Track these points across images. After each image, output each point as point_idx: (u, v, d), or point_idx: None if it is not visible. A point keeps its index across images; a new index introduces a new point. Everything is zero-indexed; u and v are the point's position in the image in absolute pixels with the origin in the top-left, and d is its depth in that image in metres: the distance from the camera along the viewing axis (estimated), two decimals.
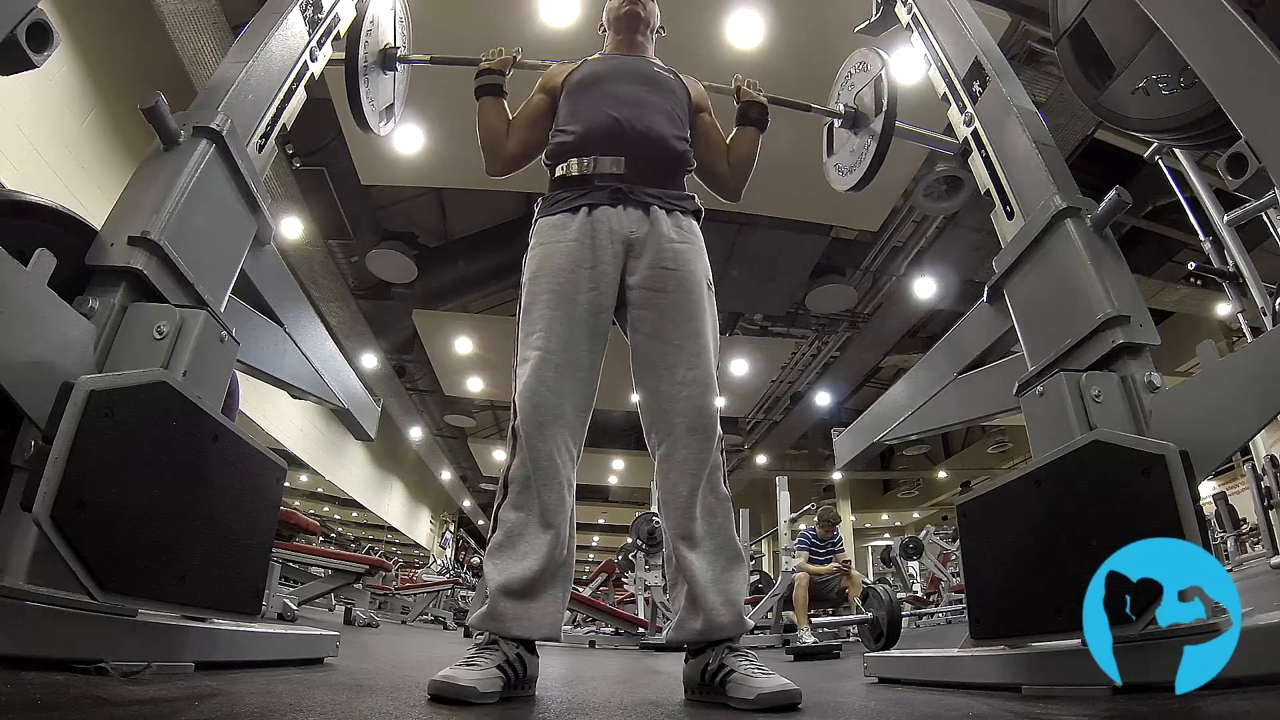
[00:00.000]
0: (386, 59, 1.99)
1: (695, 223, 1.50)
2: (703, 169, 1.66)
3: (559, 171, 1.49)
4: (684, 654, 1.28)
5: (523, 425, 1.26)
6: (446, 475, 14.94)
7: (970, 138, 1.69)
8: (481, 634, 1.19)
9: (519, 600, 1.18)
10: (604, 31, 1.78)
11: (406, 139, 5.10)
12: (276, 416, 8.51)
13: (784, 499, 6.35)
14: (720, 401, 1.38)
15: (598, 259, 1.37)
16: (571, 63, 1.70)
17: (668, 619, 1.49)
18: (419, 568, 12.00)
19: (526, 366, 1.30)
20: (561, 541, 1.25)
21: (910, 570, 7.65)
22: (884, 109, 1.94)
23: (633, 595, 6.03)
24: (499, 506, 1.28)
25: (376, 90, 2.00)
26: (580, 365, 1.32)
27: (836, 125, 2.21)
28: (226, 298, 1.38)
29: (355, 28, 1.80)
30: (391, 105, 2.13)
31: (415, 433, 11.95)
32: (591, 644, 5.02)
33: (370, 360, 8.63)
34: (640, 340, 1.39)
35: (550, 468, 1.25)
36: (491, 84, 1.65)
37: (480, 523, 18.02)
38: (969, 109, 1.70)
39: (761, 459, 11.90)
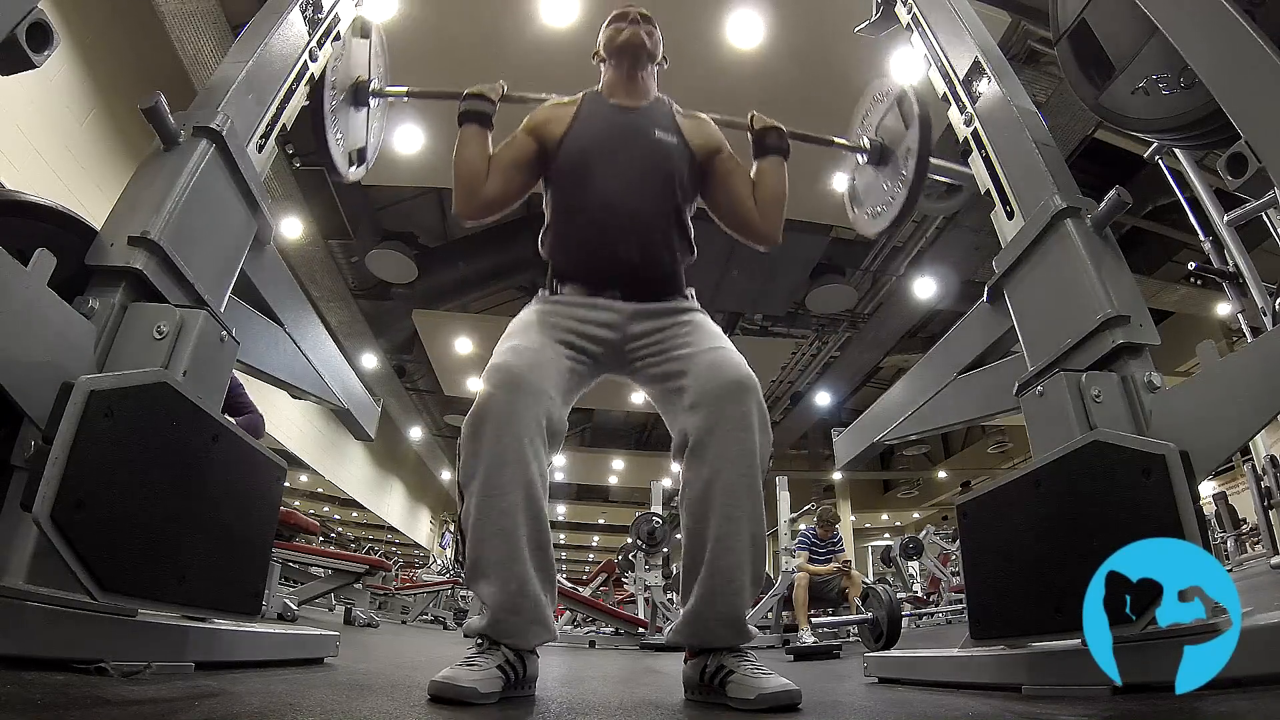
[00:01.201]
0: (359, 94, 1.86)
1: (693, 305, 1.44)
2: (727, 217, 1.51)
3: (555, 285, 1.43)
4: (684, 654, 1.28)
5: (494, 391, 1.17)
6: (446, 475, 14.94)
7: (970, 138, 1.69)
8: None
9: None
10: (600, 63, 1.57)
11: (406, 139, 5.11)
12: (276, 416, 8.50)
13: (784, 499, 6.35)
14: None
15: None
16: (563, 100, 1.54)
17: (668, 619, 1.47)
18: (419, 568, 12.00)
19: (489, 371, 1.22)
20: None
21: (910, 570, 7.65)
22: (915, 120, 1.78)
23: (633, 595, 6.03)
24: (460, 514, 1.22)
25: (347, 129, 1.86)
26: (552, 387, 1.23)
27: (861, 163, 2.04)
28: (226, 298, 1.38)
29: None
30: (364, 148, 1.98)
31: (415, 433, 11.96)
32: (591, 644, 5.02)
33: (370, 360, 8.63)
34: (653, 378, 1.35)
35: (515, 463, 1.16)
36: (480, 111, 1.47)
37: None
38: (969, 109, 1.70)
39: None
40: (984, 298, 1.64)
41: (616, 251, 1.38)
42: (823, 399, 9.61)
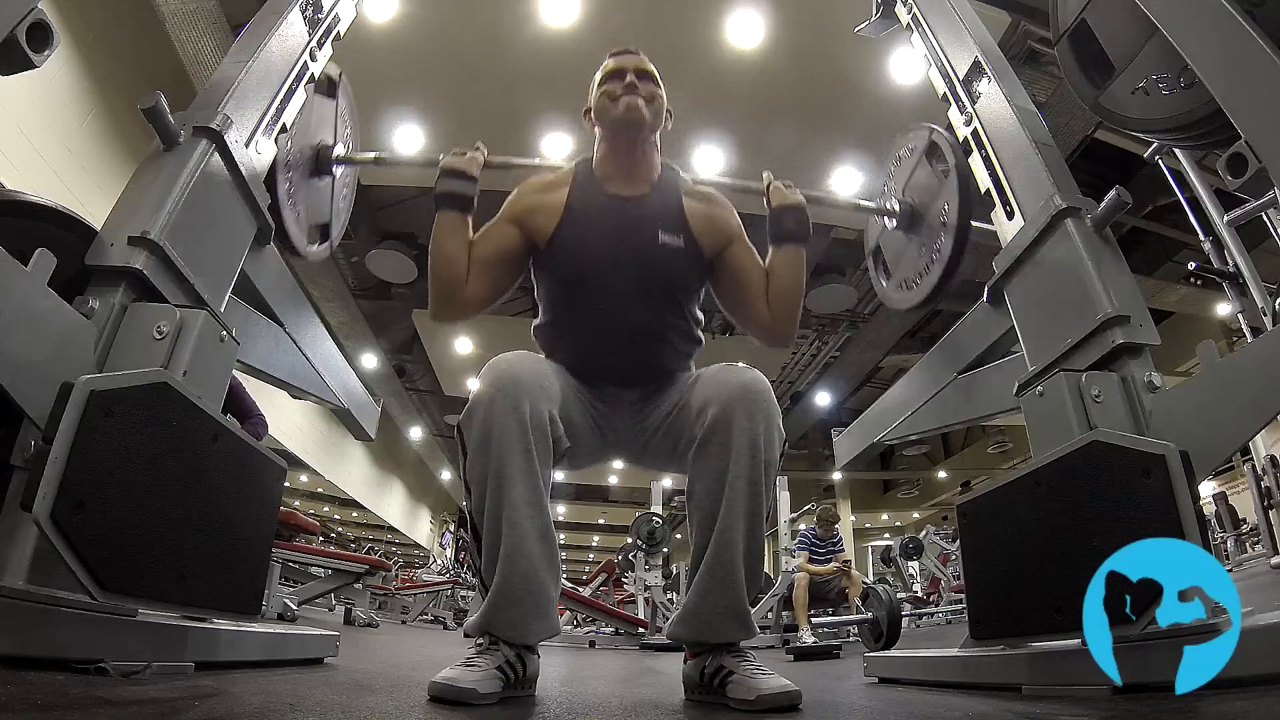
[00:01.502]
0: (321, 161, 1.72)
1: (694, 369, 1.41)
2: (734, 311, 1.38)
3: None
4: (683, 654, 1.28)
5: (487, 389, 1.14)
6: (446, 475, 14.95)
7: (970, 138, 1.69)
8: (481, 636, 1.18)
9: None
10: (593, 126, 1.37)
11: (407, 139, 5.10)
12: (277, 416, 8.46)
13: (784, 499, 6.35)
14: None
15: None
16: (550, 178, 1.39)
17: (668, 619, 1.45)
18: (419, 568, 12.01)
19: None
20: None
21: (910, 570, 7.65)
22: (952, 173, 1.61)
23: (633, 595, 6.03)
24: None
25: (307, 202, 1.71)
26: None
27: (889, 229, 1.87)
28: (226, 298, 1.38)
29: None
30: (327, 224, 1.84)
31: (415, 433, 11.96)
32: (591, 644, 5.02)
33: (370, 360, 8.64)
34: (657, 426, 1.31)
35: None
36: (460, 194, 1.29)
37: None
38: (969, 109, 1.70)
39: None
40: (984, 298, 1.64)
41: (617, 363, 1.33)
42: (823, 399, 9.61)
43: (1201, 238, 2.77)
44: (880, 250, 2.01)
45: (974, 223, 1.64)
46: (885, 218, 1.85)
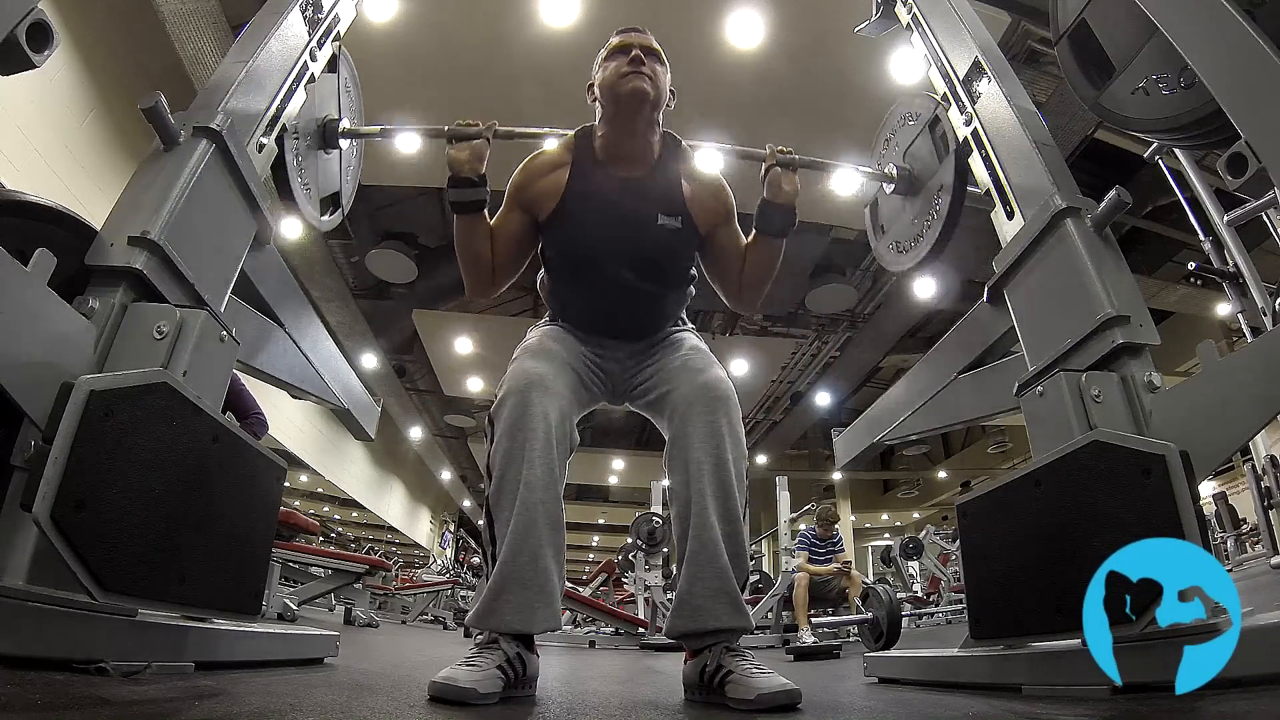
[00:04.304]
0: (328, 135, 1.75)
1: (683, 326, 1.57)
2: (714, 281, 1.53)
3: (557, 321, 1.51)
4: (684, 655, 1.28)
5: (510, 395, 1.23)
6: (446, 475, 14.95)
7: (970, 138, 1.69)
8: (481, 634, 1.18)
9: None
10: (596, 102, 1.41)
11: (406, 139, 5.09)
12: (277, 416, 8.47)
13: (784, 499, 6.35)
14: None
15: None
16: (554, 150, 1.45)
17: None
18: (419, 568, 12.01)
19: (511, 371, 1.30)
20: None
21: (910, 570, 7.65)
22: (951, 154, 1.68)
23: (633, 595, 6.03)
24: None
25: (316, 175, 1.76)
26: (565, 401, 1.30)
27: (886, 193, 1.96)
28: (226, 298, 1.38)
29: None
30: (338, 194, 1.89)
31: (415, 433, 11.96)
32: (591, 644, 5.02)
33: (370, 360, 8.64)
34: (643, 395, 1.45)
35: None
36: (471, 201, 1.35)
37: (480, 523, 18.05)
38: (969, 109, 1.70)
39: (761, 459, 11.91)
40: (984, 298, 1.64)
41: (613, 324, 1.47)
42: (823, 399, 9.61)
43: (1201, 238, 2.77)
44: (877, 207, 2.08)
45: (978, 190, 1.68)
46: (885, 183, 1.93)
